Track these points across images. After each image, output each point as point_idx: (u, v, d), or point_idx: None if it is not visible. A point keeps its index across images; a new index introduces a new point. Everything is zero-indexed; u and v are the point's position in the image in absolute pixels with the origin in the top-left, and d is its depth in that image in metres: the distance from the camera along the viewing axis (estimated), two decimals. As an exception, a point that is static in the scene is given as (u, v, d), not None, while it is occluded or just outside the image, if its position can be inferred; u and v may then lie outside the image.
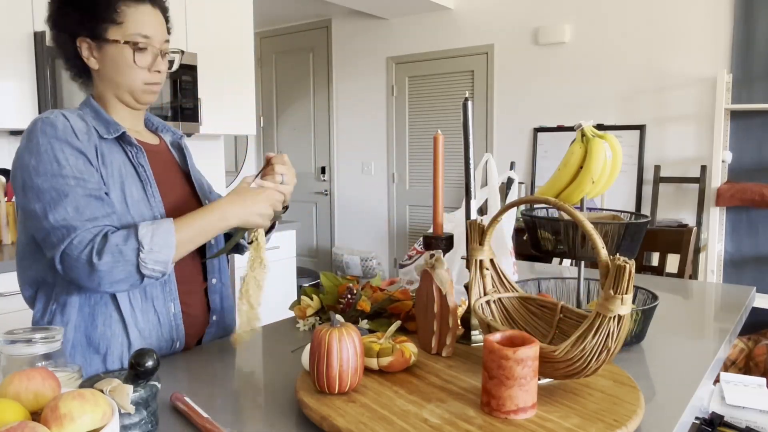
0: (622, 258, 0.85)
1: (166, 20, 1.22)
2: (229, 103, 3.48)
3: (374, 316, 1.35)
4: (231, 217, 1.14)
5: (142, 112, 1.26)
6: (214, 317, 1.31)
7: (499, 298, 1.11)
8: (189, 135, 3.33)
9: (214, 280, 1.31)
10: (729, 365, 3.06)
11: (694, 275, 3.35)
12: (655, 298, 1.28)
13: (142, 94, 1.19)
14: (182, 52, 1.28)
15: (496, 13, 4.28)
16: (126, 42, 1.13)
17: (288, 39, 5.55)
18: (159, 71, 1.18)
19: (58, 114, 1.10)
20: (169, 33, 1.22)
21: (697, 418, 2.15)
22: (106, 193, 1.11)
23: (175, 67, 1.26)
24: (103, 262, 1.02)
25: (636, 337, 1.23)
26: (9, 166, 2.66)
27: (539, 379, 0.95)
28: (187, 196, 1.28)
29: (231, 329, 1.38)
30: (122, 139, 1.17)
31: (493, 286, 1.12)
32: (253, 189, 1.17)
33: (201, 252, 1.29)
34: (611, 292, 0.85)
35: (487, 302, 1.10)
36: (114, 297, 1.13)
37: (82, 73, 1.20)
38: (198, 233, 1.11)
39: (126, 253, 1.03)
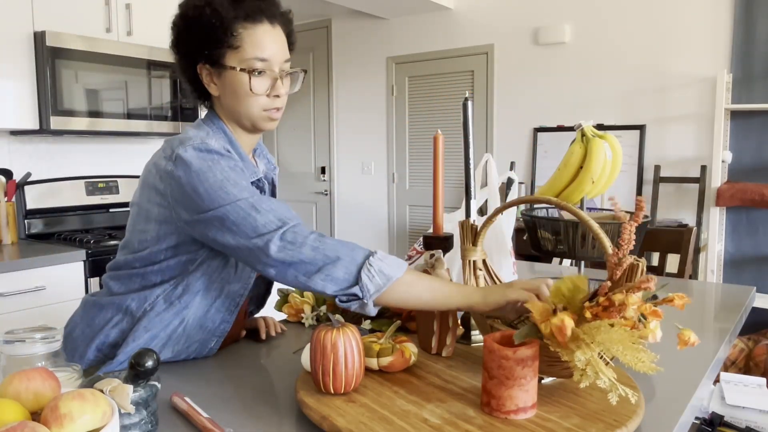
0: (633, 256, 0.86)
1: (289, 36, 1.16)
2: (229, 103, 3.47)
3: (374, 316, 1.34)
4: (461, 300, 1.00)
5: (258, 136, 1.22)
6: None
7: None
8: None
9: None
10: (729, 365, 3.06)
11: (694, 275, 3.35)
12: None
13: (262, 121, 1.14)
14: (305, 71, 1.20)
15: (496, 13, 4.28)
16: (242, 69, 1.09)
17: (288, 39, 5.54)
18: (278, 95, 1.13)
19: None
20: (291, 50, 1.16)
21: (697, 418, 2.15)
22: None
23: (297, 87, 1.19)
24: (329, 242, 0.98)
25: (636, 337, 1.23)
26: (9, 166, 2.66)
27: (543, 378, 0.95)
28: None
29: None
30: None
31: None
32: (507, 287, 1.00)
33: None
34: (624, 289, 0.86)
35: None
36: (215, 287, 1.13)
37: (205, 98, 1.18)
38: (425, 289, 1.01)
39: (357, 249, 0.99)
